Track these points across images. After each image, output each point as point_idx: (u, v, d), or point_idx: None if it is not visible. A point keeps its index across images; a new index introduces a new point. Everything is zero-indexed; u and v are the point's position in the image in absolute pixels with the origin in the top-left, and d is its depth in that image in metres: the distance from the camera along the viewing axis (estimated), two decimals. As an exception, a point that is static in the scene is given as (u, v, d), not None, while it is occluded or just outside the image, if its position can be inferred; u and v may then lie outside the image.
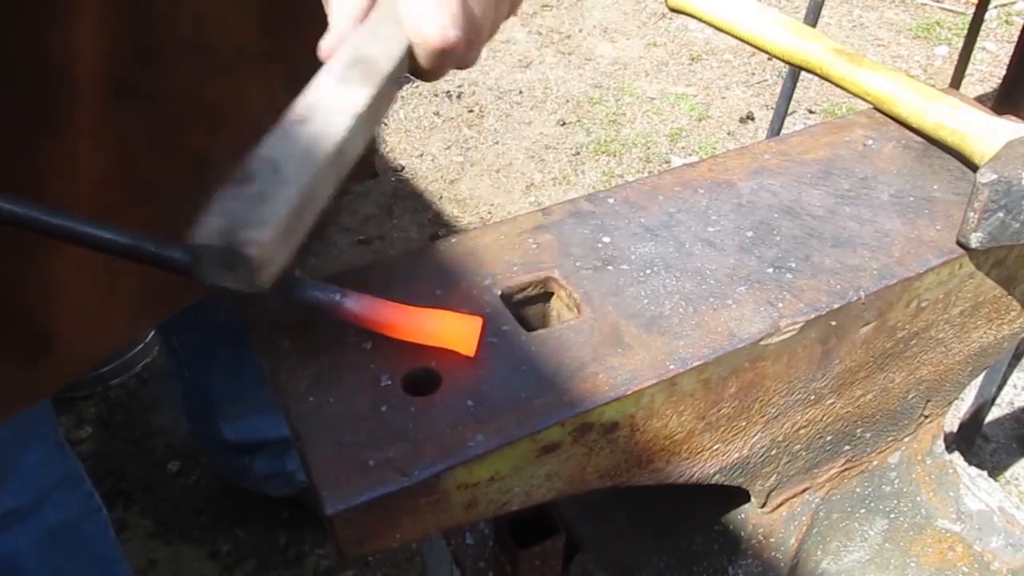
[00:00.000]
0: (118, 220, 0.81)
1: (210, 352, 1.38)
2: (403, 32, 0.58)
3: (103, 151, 0.77)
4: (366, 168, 1.08)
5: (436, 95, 3.07)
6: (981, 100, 1.07)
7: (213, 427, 1.52)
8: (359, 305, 0.60)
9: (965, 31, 1.79)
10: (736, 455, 0.73)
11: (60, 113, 0.72)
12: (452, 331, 0.61)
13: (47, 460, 1.06)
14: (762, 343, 0.65)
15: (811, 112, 2.94)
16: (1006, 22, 3.40)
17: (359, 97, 0.56)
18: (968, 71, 1.94)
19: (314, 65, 0.81)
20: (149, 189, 0.83)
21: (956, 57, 1.83)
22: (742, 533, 0.85)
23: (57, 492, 1.08)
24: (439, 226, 2.53)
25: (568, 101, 3.03)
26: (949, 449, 0.97)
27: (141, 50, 0.76)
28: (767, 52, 0.94)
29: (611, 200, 0.78)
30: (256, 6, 0.85)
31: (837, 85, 0.90)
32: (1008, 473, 1.85)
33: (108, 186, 0.79)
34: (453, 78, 3.15)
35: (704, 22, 0.97)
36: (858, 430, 0.83)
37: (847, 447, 0.84)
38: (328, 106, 0.55)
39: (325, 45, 0.58)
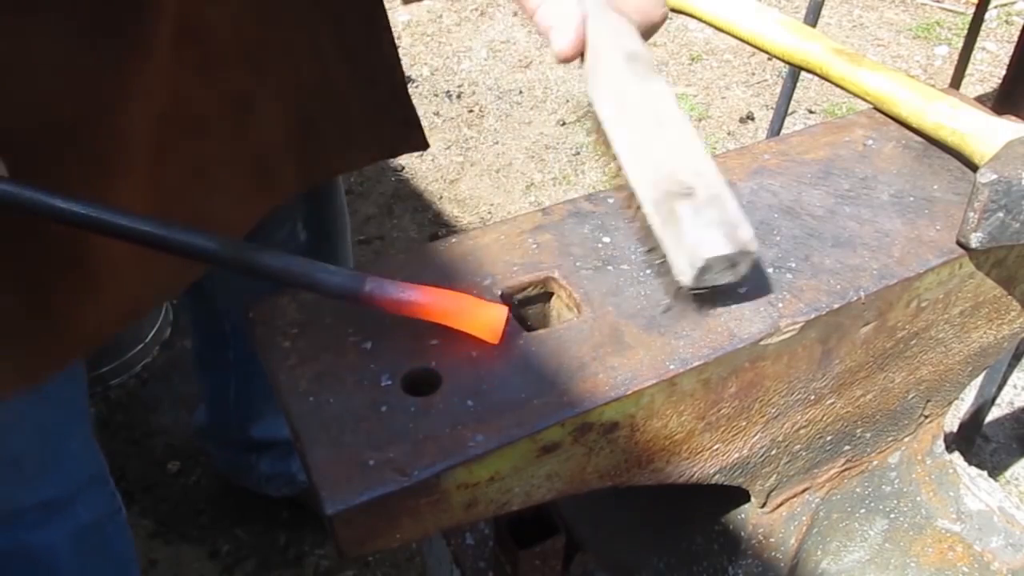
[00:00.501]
0: (172, 155, 0.83)
1: None
2: (624, 18, 0.66)
3: (165, 82, 0.78)
4: (421, 138, 1.09)
5: (436, 95, 3.07)
6: (981, 100, 1.07)
7: (242, 423, 1.49)
8: (384, 288, 0.60)
9: (965, 31, 1.79)
10: (736, 455, 0.73)
11: (145, 37, 0.74)
12: (480, 316, 0.61)
13: (83, 453, 1.07)
14: (762, 343, 0.65)
15: (811, 112, 2.94)
16: (1006, 22, 3.40)
17: (664, 87, 0.64)
18: (968, 71, 1.94)
19: (361, 23, 0.83)
20: (201, 125, 0.84)
21: (956, 57, 1.83)
22: (742, 533, 0.85)
23: (88, 489, 1.08)
24: (439, 226, 2.52)
25: (568, 101, 3.03)
26: (949, 449, 0.97)
27: None
28: (767, 52, 0.94)
29: (611, 200, 0.78)
30: None
31: (837, 85, 0.90)
32: (1008, 473, 1.84)
33: (165, 120, 0.80)
34: (453, 78, 3.15)
35: (704, 22, 0.97)
36: (858, 430, 0.83)
37: (847, 447, 0.84)
38: (662, 107, 0.64)
39: (567, 45, 0.65)
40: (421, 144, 1.08)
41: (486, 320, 0.61)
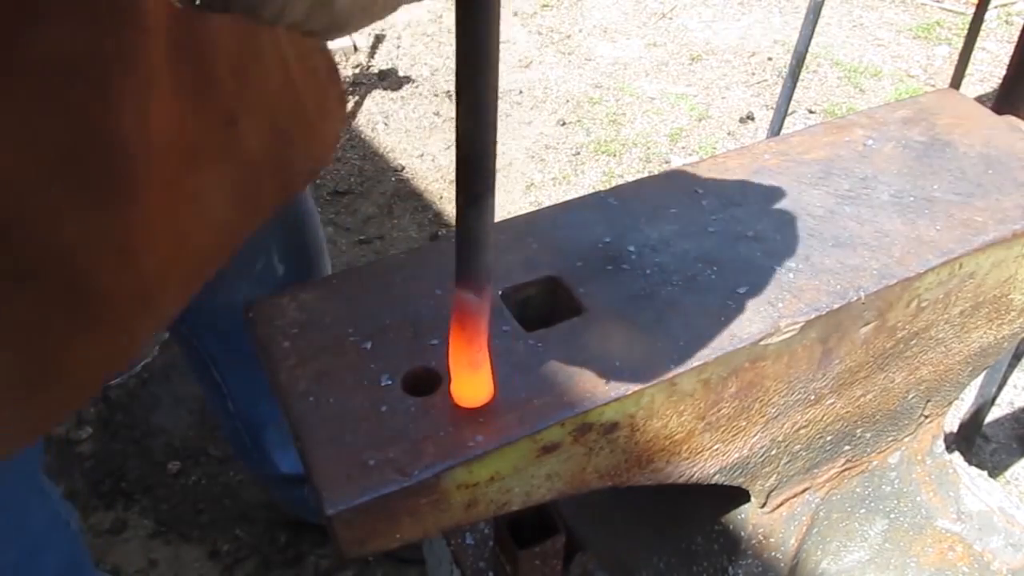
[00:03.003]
0: (174, 187, 0.79)
1: (249, 377, 1.27)
2: None
3: (163, 105, 0.75)
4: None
5: (436, 95, 3.06)
6: (981, 100, 1.07)
7: (267, 461, 1.43)
8: (483, 307, 0.53)
9: (965, 31, 1.79)
10: (736, 455, 0.73)
11: (139, 58, 0.70)
12: (472, 378, 0.57)
13: (41, 505, 1.02)
14: (762, 343, 0.65)
15: (811, 112, 2.94)
16: (1006, 22, 3.40)
17: None
18: (968, 71, 1.94)
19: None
20: (195, 152, 0.82)
21: (956, 57, 1.83)
22: (742, 533, 0.85)
23: (51, 537, 1.04)
24: (439, 226, 2.52)
25: (568, 101, 3.03)
26: (949, 449, 0.97)
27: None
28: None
29: (612, 200, 0.78)
30: None
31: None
32: (1008, 473, 1.84)
33: (167, 149, 0.77)
34: (453, 78, 3.14)
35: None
36: (858, 430, 0.83)
37: (847, 447, 0.84)
38: None
39: None
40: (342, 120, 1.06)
41: (471, 384, 0.57)
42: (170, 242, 0.83)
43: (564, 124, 2.92)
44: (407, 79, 3.16)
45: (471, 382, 0.57)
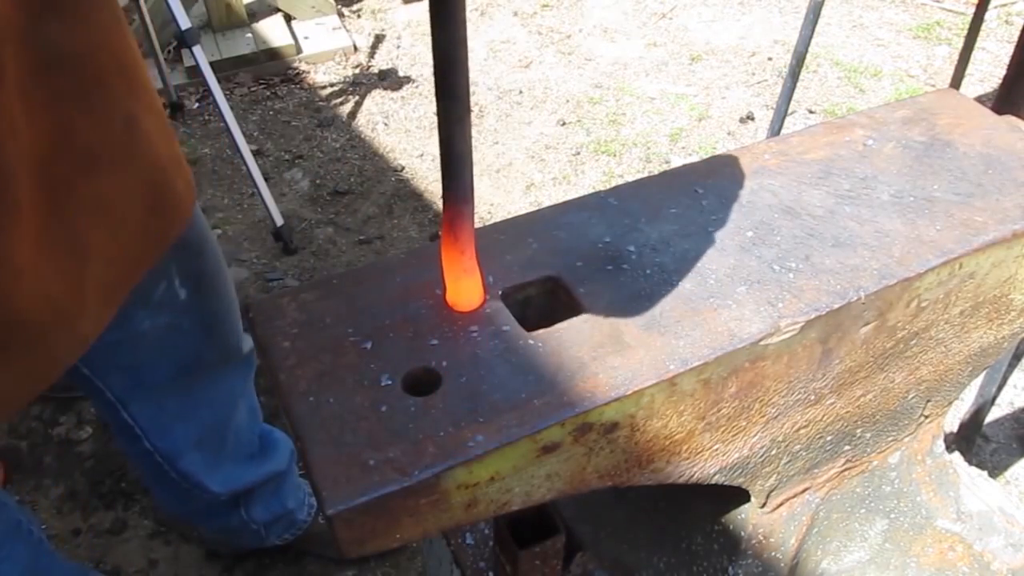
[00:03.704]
0: (69, 194, 0.78)
1: (158, 407, 1.24)
2: None
3: (39, 113, 0.74)
4: None
5: (436, 95, 3.07)
6: (981, 100, 1.07)
7: (198, 488, 1.36)
8: (467, 221, 0.60)
9: (965, 31, 1.79)
10: (736, 455, 0.73)
11: None
12: (465, 282, 0.63)
13: None
14: (762, 343, 0.65)
15: (811, 112, 2.94)
16: (1006, 22, 3.40)
17: None
18: (968, 71, 1.94)
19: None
20: (92, 156, 0.81)
21: (956, 57, 1.83)
22: (742, 533, 0.85)
23: (5, 545, 1.04)
24: (439, 226, 2.52)
25: (568, 101, 3.03)
26: (949, 449, 0.97)
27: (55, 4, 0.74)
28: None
29: (612, 200, 0.78)
30: None
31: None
32: (1008, 473, 1.84)
33: (53, 157, 0.76)
34: (453, 78, 3.14)
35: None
36: (858, 430, 0.83)
37: (847, 447, 0.84)
38: None
39: None
40: None
41: (467, 292, 0.63)
42: (76, 254, 0.81)
43: (564, 124, 2.92)
44: (407, 79, 3.16)
45: (465, 287, 0.62)
